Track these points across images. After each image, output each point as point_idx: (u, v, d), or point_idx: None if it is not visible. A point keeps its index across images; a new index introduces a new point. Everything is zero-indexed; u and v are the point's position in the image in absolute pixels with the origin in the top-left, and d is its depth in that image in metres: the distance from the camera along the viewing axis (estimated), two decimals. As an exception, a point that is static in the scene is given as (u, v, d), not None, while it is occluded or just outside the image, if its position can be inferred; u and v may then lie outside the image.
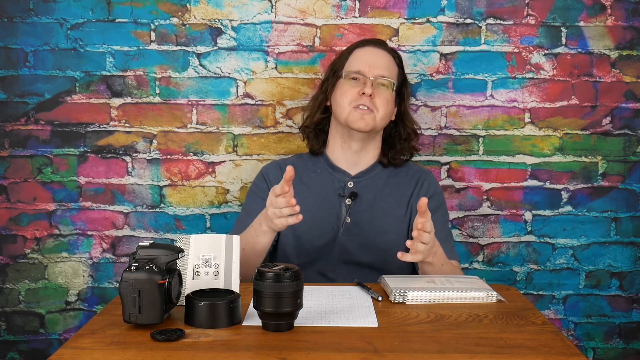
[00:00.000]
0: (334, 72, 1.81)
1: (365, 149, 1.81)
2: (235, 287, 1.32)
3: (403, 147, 1.85)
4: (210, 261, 1.34)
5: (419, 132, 1.90)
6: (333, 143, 1.83)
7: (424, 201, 1.42)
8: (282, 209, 1.48)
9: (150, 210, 2.09)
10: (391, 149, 1.84)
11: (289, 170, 1.44)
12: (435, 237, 1.56)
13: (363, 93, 1.72)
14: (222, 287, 1.31)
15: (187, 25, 2.04)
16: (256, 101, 2.07)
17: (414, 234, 1.45)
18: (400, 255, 1.45)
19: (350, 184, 1.79)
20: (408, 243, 1.46)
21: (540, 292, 2.11)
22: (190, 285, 1.32)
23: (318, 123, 1.84)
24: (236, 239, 1.37)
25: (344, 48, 1.88)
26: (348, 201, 1.77)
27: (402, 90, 1.83)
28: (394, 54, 1.83)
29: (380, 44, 1.83)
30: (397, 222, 1.77)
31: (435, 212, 1.79)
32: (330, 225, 1.75)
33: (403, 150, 1.85)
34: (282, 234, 1.77)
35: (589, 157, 2.08)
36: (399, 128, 1.85)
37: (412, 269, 1.82)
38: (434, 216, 1.78)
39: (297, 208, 1.47)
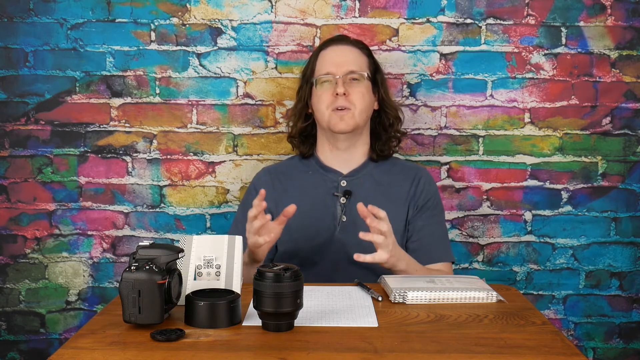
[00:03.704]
0: (307, 80, 1.83)
1: (354, 146, 1.81)
2: (237, 287, 1.32)
3: (390, 136, 1.85)
4: (212, 262, 1.34)
5: (402, 118, 1.89)
6: (322, 146, 1.84)
7: (360, 208, 1.48)
8: (252, 223, 1.52)
9: (151, 210, 2.09)
10: (378, 140, 1.85)
11: (261, 194, 1.53)
12: (399, 246, 1.59)
13: (337, 94, 1.73)
14: (223, 288, 1.31)
15: (187, 25, 2.04)
16: (256, 101, 2.07)
17: (368, 221, 1.48)
18: (356, 256, 1.47)
19: (344, 183, 1.79)
20: (361, 234, 1.48)
21: (540, 292, 2.11)
22: (191, 285, 1.32)
23: (302, 130, 1.85)
24: (238, 239, 1.37)
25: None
26: (342, 200, 1.77)
27: (376, 77, 1.83)
28: (359, 45, 1.83)
29: (341, 40, 1.84)
30: (393, 219, 1.76)
31: (431, 211, 1.79)
32: (327, 225, 1.75)
33: (389, 140, 1.85)
34: (280, 239, 1.77)
35: (589, 157, 2.08)
36: (382, 116, 1.85)
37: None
38: (429, 215, 1.78)
39: (266, 222, 1.53)
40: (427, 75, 2.06)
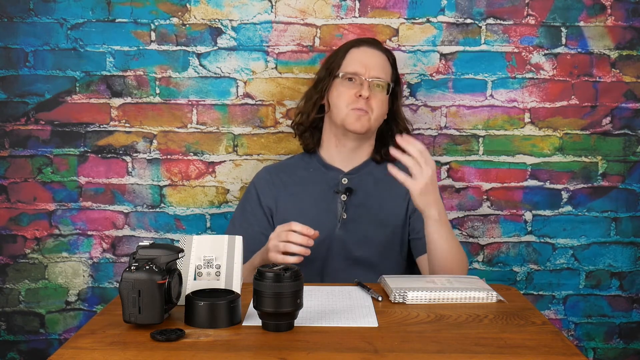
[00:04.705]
0: (330, 72, 1.81)
1: (360, 148, 1.82)
2: (237, 287, 1.32)
3: (396, 146, 1.85)
4: (212, 262, 1.34)
5: (410, 130, 1.90)
6: (327, 142, 1.84)
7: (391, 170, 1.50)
8: (282, 243, 1.50)
9: (151, 210, 2.09)
10: (384, 146, 1.84)
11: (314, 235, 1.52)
12: (439, 197, 1.56)
13: (360, 95, 1.72)
14: (223, 288, 1.31)
15: (187, 25, 2.04)
16: (256, 101, 2.07)
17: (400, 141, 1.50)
18: (390, 167, 1.50)
19: (345, 180, 1.79)
20: (398, 138, 1.50)
21: (540, 292, 2.11)
22: (191, 285, 1.32)
23: (312, 121, 1.85)
24: (239, 239, 1.37)
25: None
26: (343, 197, 1.77)
27: (395, 89, 1.84)
28: (388, 54, 1.83)
29: (375, 43, 1.84)
30: (394, 216, 1.77)
31: None
32: (327, 222, 1.75)
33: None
34: None
35: (589, 157, 2.08)
36: (391, 126, 1.85)
37: (409, 267, 1.82)
38: None
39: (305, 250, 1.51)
40: (427, 75, 2.06)
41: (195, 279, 1.33)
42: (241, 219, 1.81)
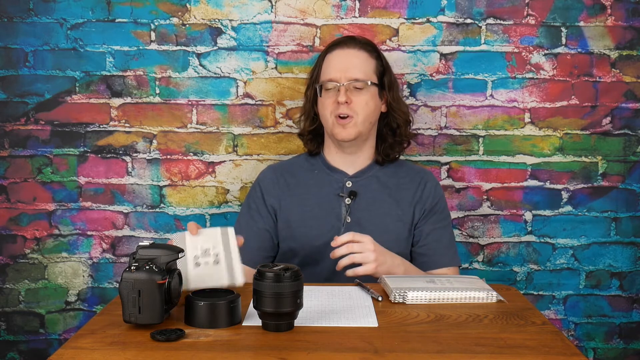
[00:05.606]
0: (312, 83, 1.81)
1: (360, 150, 1.81)
2: (238, 272, 1.32)
3: (396, 141, 1.83)
4: (209, 250, 1.35)
5: (411, 120, 1.87)
6: (328, 147, 1.84)
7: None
8: None
9: (150, 210, 2.09)
10: (383, 142, 1.83)
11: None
12: (392, 253, 1.61)
13: (338, 102, 1.72)
14: (225, 274, 1.31)
15: (187, 25, 2.04)
16: (256, 101, 2.07)
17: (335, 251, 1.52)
18: (349, 272, 1.52)
19: (349, 184, 1.79)
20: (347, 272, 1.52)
21: (540, 292, 2.11)
22: (193, 274, 1.32)
23: (311, 130, 1.85)
24: (230, 229, 1.39)
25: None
26: (348, 201, 1.77)
27: (383, 80, 1.79)
28: (368, 48, 1.78)
29: (348, 42, 1.79)
30: (398, 221, 1.77)
31: (438, 215, 1.79)
32: (331, 225, 1.75)
33: (395, 144, 1.83)
34: (283, 236, 1.78)
35: (589, 157, 2.08)
36: (389, 119, 1.83)
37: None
38: (436, 220, 1.78)
39: None
40: (427, 75, 2.06)
41: (194, 268, 1.33)
42: (247, 216, 1.81)
